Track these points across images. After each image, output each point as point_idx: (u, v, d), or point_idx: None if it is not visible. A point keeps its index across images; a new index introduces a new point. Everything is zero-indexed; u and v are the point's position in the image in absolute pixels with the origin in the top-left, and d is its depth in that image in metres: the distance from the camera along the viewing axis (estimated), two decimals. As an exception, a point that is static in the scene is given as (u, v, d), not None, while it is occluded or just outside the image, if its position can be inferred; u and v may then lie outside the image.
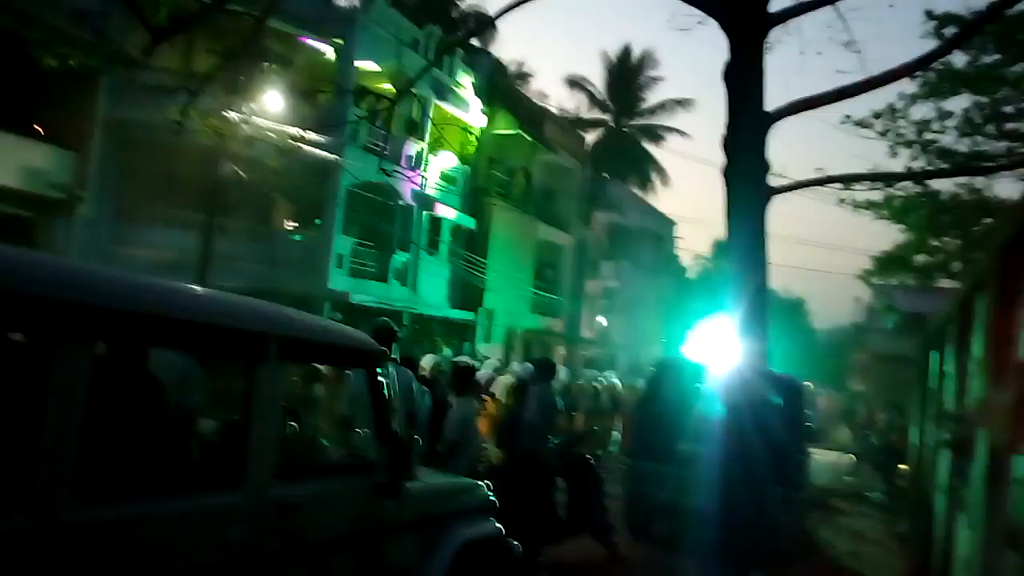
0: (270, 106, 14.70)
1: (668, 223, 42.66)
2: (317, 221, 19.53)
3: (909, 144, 11.43)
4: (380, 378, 3.85)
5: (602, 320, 36.28)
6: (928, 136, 11.29)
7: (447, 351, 18.85)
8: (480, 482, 5.10)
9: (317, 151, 14.43)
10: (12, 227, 14.15)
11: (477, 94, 25.25)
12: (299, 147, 13.36)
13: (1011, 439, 3.75)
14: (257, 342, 3.11)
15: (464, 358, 11.69)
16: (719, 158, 7.97)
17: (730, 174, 7.93)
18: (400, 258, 21.83)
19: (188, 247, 15.43)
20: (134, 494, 2.58)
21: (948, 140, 11.67)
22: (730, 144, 7.92)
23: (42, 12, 6.84)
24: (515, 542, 5.08)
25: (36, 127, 14.70)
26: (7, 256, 2.43)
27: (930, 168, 11.06)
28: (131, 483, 2.61)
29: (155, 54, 8.61)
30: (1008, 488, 4.24)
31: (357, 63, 19.25)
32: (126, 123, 16.01)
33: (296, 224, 20.23)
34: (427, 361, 10.48)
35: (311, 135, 13.71)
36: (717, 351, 8.53)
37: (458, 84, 24.09)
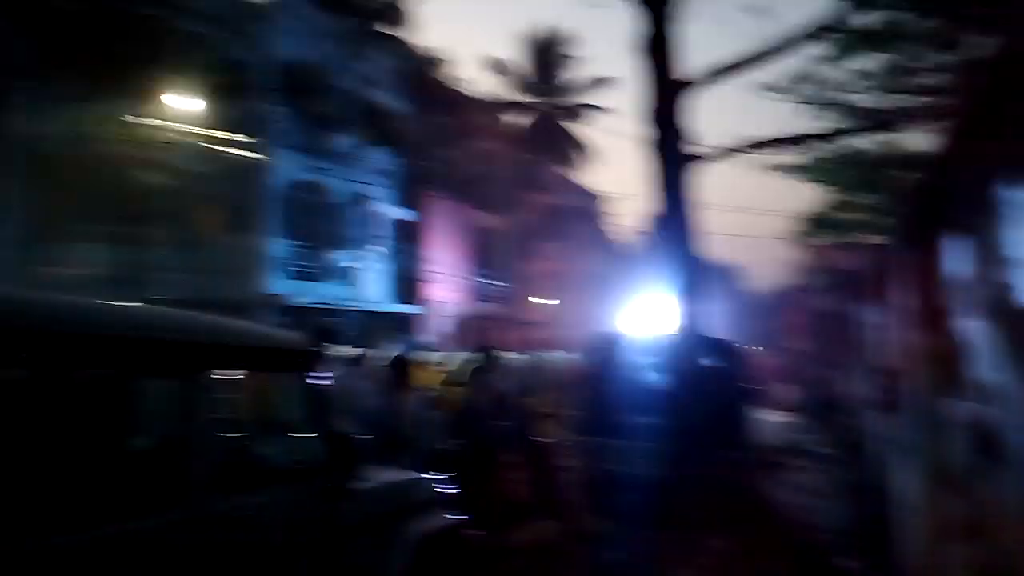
0: (189, 109, 14.28)
1: (601, 200, 43.07)
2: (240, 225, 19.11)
3: (827, 105, 11.68)
4: (317, 379, 3.78)
5: (546, 301, 36.48)
6: (846, 96, 11.55)
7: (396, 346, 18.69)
8: (435, 473, 5.09)
9: (242, 152, 14.10)
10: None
11: (402, 83, 24.97)
12: (221, 150, 13.05)
13: (935, 384, 3.89)
14: (184, 352, 3.02)
15: (401, 350, 11.61)
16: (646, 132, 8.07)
17: (653, 146, 8.03)
18: (339, 256, 21.53)
19: (116, 261, 14.93)
20: (65, 524, 2.48)
21: (864, 99, 11.96)
22: (651, 116, 8.02)
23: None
24: (475, 530, 5.08)
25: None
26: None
27: (847, 128, 11.33)
28: (61, 512, 2.50)
29: (55, 64, 8.29)
30: (937, 431, 4.41)
31: (274, 59, 18.83)
32: (34, 138, 15.34)
33: (228, 229, 19.75)
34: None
35: (234, 136, 13.39)
36: (656, 322, 8.66)
37: (382, 75, 23.79)
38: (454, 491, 5.04)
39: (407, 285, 24.62)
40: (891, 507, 6.12)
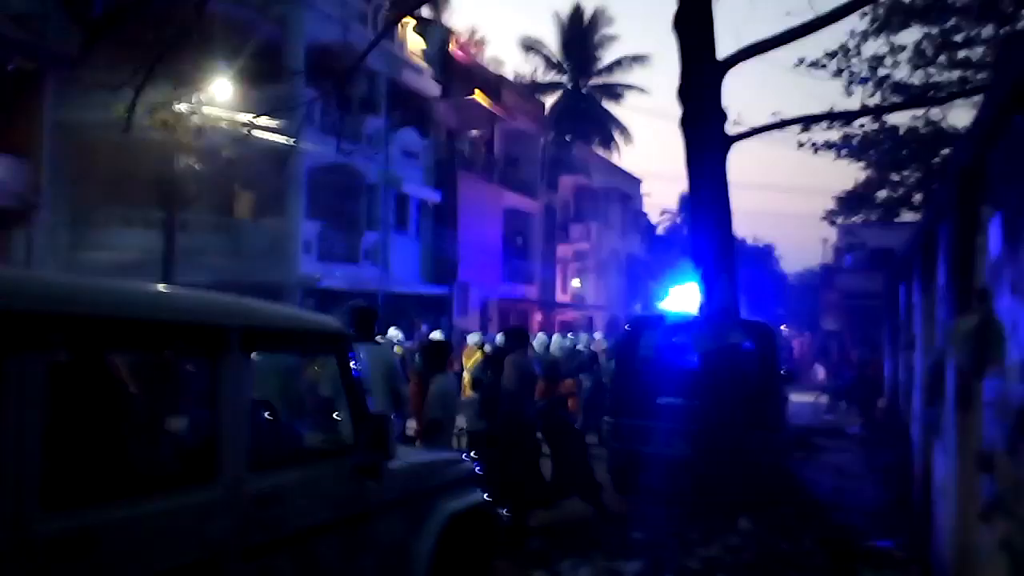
0: (220, 94, 14.41)
1: (634, 181, 42.71)
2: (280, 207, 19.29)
3: (863, 81, 11.47)
4: (350, 360, 3.82)
5: (576, 283, 36.41)
6: (881, 72, 11.34)
7: (423, 327, 18.81)
8: (463, 454, 5.13)
9: (273, 136, 14.18)
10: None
11: (431, 64, 24.95)
12: (253, 134, 13.14)
13: (978, 364, 3.82)
14: (218, 335, 3.07)
15: (437, 334, 11.71)
16: (678, 111, 7.98)
17: (687, 125, 7.94)
18: (369, 238, 21.66)
19: (150, 245, 15.19)
20: (106, 499, 2.54)
21: (901, 74, 11.74)
22: (685, 95, 7.92)
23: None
24: (502, 510, 5.12)
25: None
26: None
27: (884, 104, 11.13)
28: (102, 488, 2.57)
29: (96, 51, 8.41)
30: (978, 412, 4.34)
31: (305, 42, 18.90)
32: (75, 125, 15.61)
33: (259, 212, 19.96)
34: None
35: (265, 120, 13.48)
36: (689, 303, 8.61)
37: (411, 56, 23.78)
38: (482, 471, 5.08)
39: (438, 266, 24.72)
40: (925, 488, 6.05)
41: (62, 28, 12.91)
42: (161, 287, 3.46)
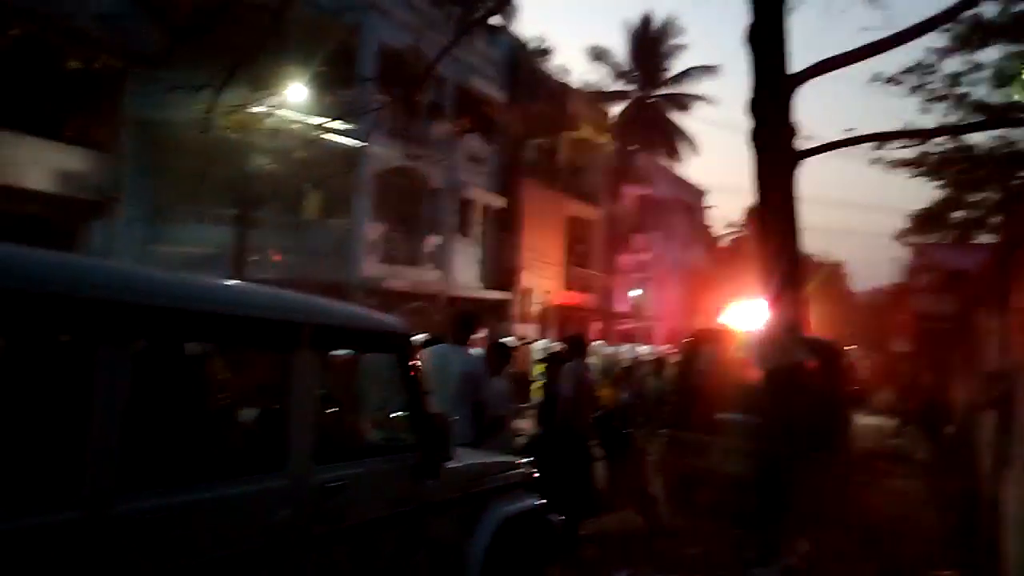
0: (294, 97, 14.79)
1: (698, 192, 42.22)
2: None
3: (941, 99, 11.13)
4: (411, 360, 3.90)
5: (636, 293, 36.16)
6: (960, 90, 10.99)
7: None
8: (522, 457, 5.17)
9: (343, 139, 14.51)
10: (52, 231, 14.48)
11: (499, 72, 25.14)
12: (324, 136, 13.46)
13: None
14: (290, 331, 3.18)
15: (512, 339, 11.78)
16: (747, 123, 7.88)
17: (757, 139, 7.83)
18: (432, 241, 21.90)
19: (222, 241, 15.66)
20: (179, 482, 2.66)
21: (981, 93, 11.35)
22: (755, 108, 7.82)
23: (66, 17, 6.95)
24: (556, 516, 5.14)
25: (68, 131, 14.97)
26: (52, 261, 2.50)
27: (963, 122, 10.77)
28: (176, 472, 2.69)
29: (176, 52, 8.73)
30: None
31: (377, 48, 19.26)
32: (155, 123, 16.23)
33: (327, 213, 20.39)
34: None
35: (336, 124, 13.79)
36: (752, 319, 8.48)
37: (480, 63, 24.01)
38: (538, 475, 5.11)
39: (499, 272, 24.84)
40: (993, 519, 5.85)
41: (144, 28, 13.43)
42: (238, 283, 3.60)
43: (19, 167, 13.51)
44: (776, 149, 7.70)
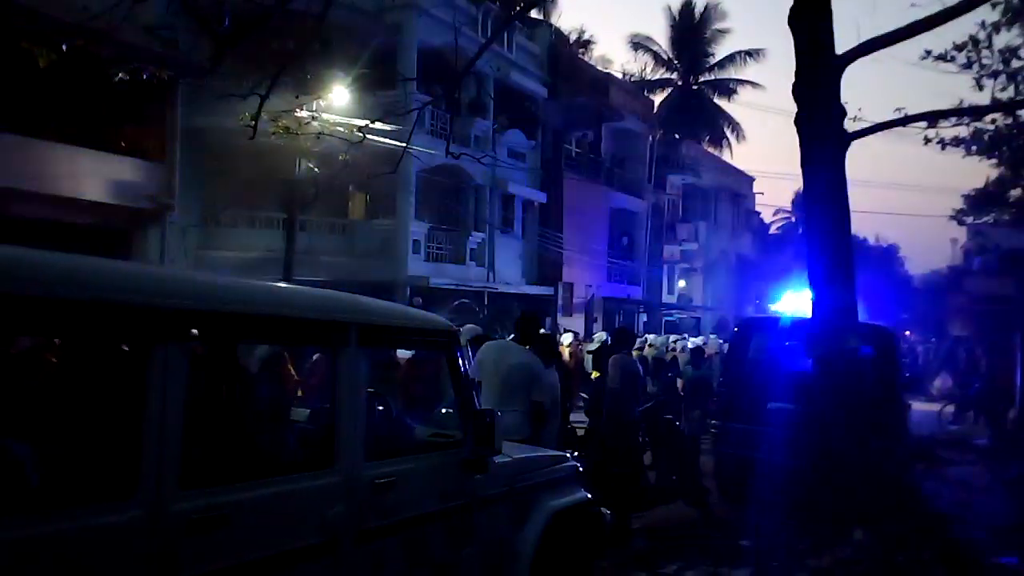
0: (338, 100, 15.00)
1: (746, 179, 41.61)
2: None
3: (995, 75, 10.81)
4: (458, 357, 3.95)
5: (682, 283, 35.83)
6: (1015, 64, 10.65)
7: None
8: (567, 452, 5.18)
9: (386, 140, 14.66)
10: (109, 239, 14.93)
11: (539, 66, 25.12)
12: (367, 138, 13.60)
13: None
14: (338, 331, 3.25)
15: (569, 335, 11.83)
16: (794, 107, 7.75)
17: (803, 122, 7.71)
18: (476, 238, 22.01)
19: (273, 245, 15.98)
20: (235, 481, 2.74)
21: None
22: (801, 91, 7.69)
23: (115, 30, 7.15)
24: (605, 509, 5.14)
25: (121, 142, 15.41)
26: (116, 269, 2.61)
27: (1018, 98, 10.44)
28: (232, 471, 2.77)
29: (223, 61, 8.92)
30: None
31: (417, 47, 19.40)
32: (204, 130, 16.60)
33: (372, 213, 20.64)
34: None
35: (379, 125, 13.95)
36: (803, 306, 8.36)
37: (520, 58, 24.01)
38: (586, 469, 5.12)
39: (542, 266, 24.85)
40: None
41: (192, 39, 13.75)
42: (287, 286, 3.69)
43: (76, 179, 13.96)
44: (823, 132, 7.57)
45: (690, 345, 14.83)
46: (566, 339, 13.70)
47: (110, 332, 2.56)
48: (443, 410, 4.36)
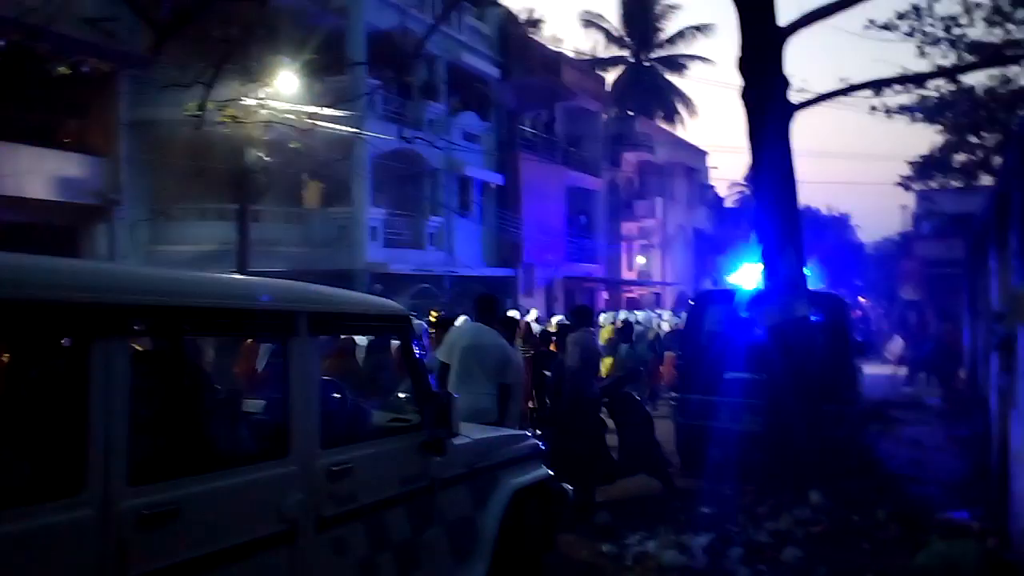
0: (285, 87, 14.76)
1: (700, 153, 41.99)
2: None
3: (936, 42, 11.03)
4: (412, 341, 3.95)
5: (642, 260, 36.11)
6: (956, 31, 10.88)
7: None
8: (526, 431, 5.23)
9: (337, 126, 14.49)
10: (56, 238, 14.58)
11: (490, 47, 24.98)
12: (318, 125, 13.44)
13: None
14: (287, 320, 3.22)
15: (513, 312, 11.91)
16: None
17: (748, 95, 7.80)
18: (434, 223, 21.92)
19: (225, 237, 15.71)
20: (186, 474, 2.72)
21: (977, 32, 11.26)
22: (746, 64, 7.77)
23: (51, 23, 6.96)
24: (566, 485, 5.21)
25: (63, 138, 15.02)
26: (54, 267, 2.56)
27: (960, 64, 10.68)
28: (182, 465, 2.74)
29: (165, 50, 8.73)
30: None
31: (366, 31, 19.16)
32: (149, 123, 16.23)
33: (327, 201, 20.42)
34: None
35: (330, 111, 13.77)
36: (757, 276, 8.50)
37: (470, 39, 23.85)
38: (547, 447, 5.17)
39: (502, 248, 24.85)
40: (1003, 459, 5.89)
41: (132, 29, 13.41)
42: (233, 277, 3.65)
43: (18, 177, 13.57)
44: (767, 104, 7.67)
45: (632, 320, 15.06)
46: (532, 315, 13.90)
47: (50, 330, 2.52)
48: (400, 394, 4.37)
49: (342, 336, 5.70)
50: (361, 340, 6.30)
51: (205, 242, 16.45)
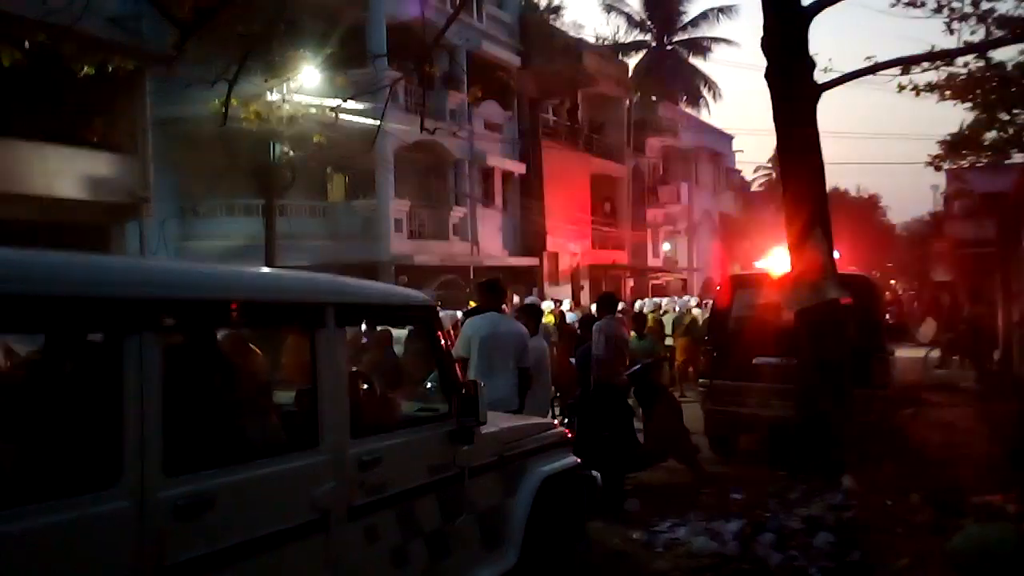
0: (308, 81, 14.83)
1: (725, 137, 41.59)
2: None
3: (965, 18, 10.80)
4: (438, 331, 3.97)
5: (667, 246, 35.90)
6: (985, 6, 10.64)
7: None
8: (553, 419, 5.24)
9: (360, 119, 14.54)
10: (87, 236, 14.79)
11: (511, 35, 24.90)
12: (341, 118, 13.47)
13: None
14: (316, 312, 3.26)
15: (532, 299, 11.90)
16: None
17: (774, 76, 7.70)
18: (457, 213, 21.95)
19: (253, 232, 15.88)
20: (220, 465, 2.76)
21: (1007, 6, 11.01)
22: (770, 45, 7.67)
23: (77, 23, 7.04)
24: (595, 472, 5.21)
25: (92, 137, 15.21)
26: (88, 263, 2.61)
27: (989, 39, 10.44)
28: (216, 456, 2.79)
29: (189, 48, 8.79)
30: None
31: (385, 22, 19.18)
32: (176, 120, 16.40)
33: (352, 194, 20.53)
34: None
35: (352, 104, 13.82)
36: (786, 260, 8.42)
37: (491, 27, 23.79)
38: (576, 435, 5.18)
39: (526, 237, 24.83)
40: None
41: (156, 27, 13.53)
42: (262, 270, 3.69)
43: (48, 177, 13.79)
44: (793, 85, 7.57)
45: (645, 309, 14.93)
46: (566, 304, 14.01)
47: (87, 324, 2.58)
48: (428, 384, 4.40)
49: (377, 328, 5.77)
50: (399, 332, 6.41)
51: (233, 237, 16.63)
